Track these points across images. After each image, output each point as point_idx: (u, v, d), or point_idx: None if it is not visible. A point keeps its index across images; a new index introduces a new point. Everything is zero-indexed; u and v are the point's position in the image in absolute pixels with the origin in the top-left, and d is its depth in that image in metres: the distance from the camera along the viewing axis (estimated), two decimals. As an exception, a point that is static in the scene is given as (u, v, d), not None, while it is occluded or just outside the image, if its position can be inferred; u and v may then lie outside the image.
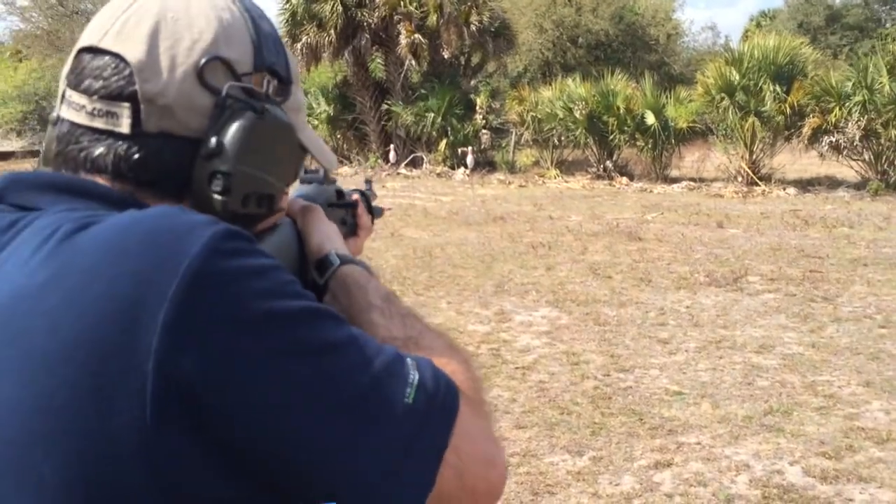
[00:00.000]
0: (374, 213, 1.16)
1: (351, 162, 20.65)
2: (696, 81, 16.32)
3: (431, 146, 19.54)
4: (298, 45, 19.68)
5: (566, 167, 17.88)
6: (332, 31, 19.31)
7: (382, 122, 20.49)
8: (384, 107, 20.03)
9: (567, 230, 10.29)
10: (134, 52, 0.66)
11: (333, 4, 19.31)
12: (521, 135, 18.62)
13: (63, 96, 0.69)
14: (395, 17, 19.43)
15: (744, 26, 38.08)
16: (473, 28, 19.19)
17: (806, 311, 6.17)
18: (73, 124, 0.68)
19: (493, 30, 19.77)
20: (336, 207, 1.00)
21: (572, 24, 28.02)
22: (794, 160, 15.28)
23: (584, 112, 16.37)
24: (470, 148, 18.41)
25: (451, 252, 8.78)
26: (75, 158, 0.67)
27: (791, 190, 14.46)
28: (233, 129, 0.67)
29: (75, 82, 0.68)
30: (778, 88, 14.56)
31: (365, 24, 19.61)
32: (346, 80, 21.50)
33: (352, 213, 1.04)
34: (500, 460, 0.67)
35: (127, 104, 0.66)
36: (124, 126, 0.66)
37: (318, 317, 0.60)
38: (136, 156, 0.66)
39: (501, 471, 0.66)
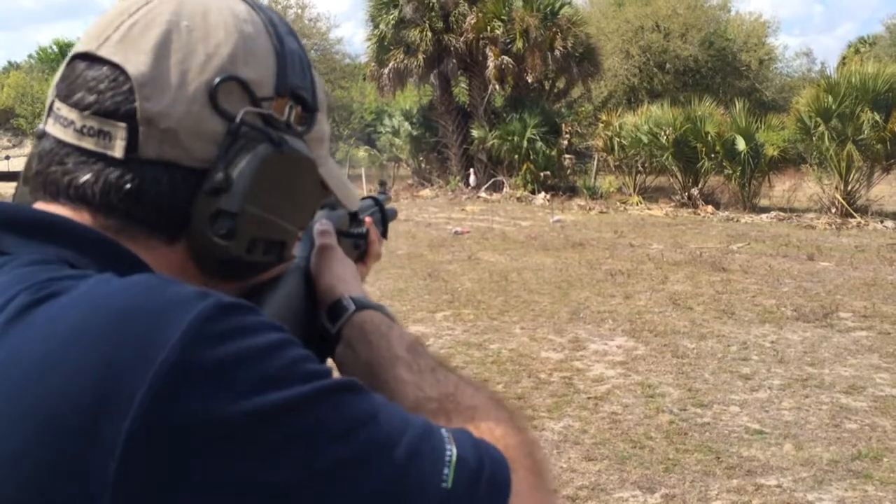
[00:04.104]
0: (388, 215, 1.12)
1: (432, 184, 20.85)
2: (789, 108, 15.82)
3: (512, 171, 19.55)
4: (385, 70, 20.12)
5: (649, 194, 17.56)
6: (420, 56, 19.64)
7: (464, 146, 20.65)
8: (471, 131, 20.16)
9: (647, 258, 10.07)
10: (137, 63, 0.57)
11: (423, 30, 19.66)
12: (605, 160, 18.43)
13: (51, 108, 0.60)
14: (481, 43, 19.63)
15: (841, 52, 36.73)
16: (558, 53, 19.19)
17: (902, 351, 5.83)
18: (59, 142, 0.58)
19: (577, 55, 19.72)
20: (348, 236, 0.94)
21: (660, 50, 27.65)
22: (893, 192, 14.58)
23: (670, 137, 16.09)
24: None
25: (528, 277, 8.71)
26: (57, 182, 0.58)
27: (889, 223, 13.78)
28: (244, 162, 0.58)
29: (66, 93, 0.58)
30: (876, 116, 13.97)
31: (451, 48, 19.88)
32: (431, 103, 21.79)
33: (364, 239, 0.98)
34: None
35: (123, 124, 0.56)
36: (117, 149, 0.56)
37: (332, 395, 0.49)
38: (129, 185, 0.57)
39: None
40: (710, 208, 15.90)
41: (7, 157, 26.09)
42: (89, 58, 0.58)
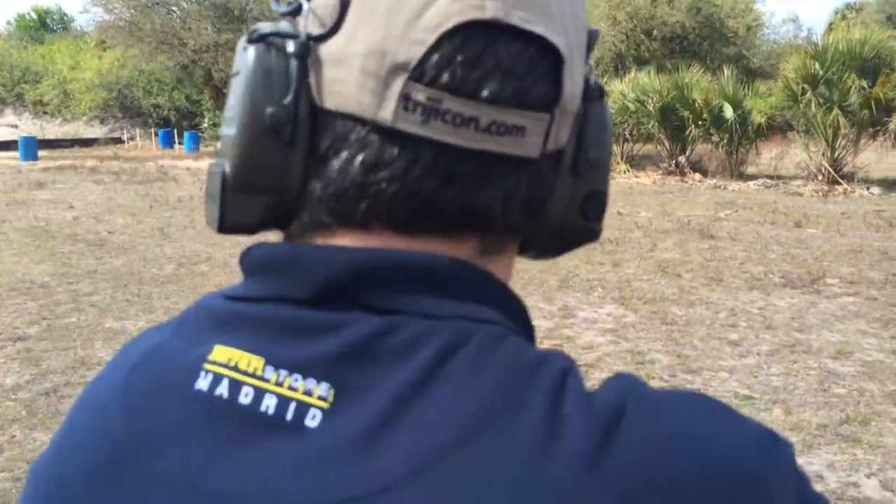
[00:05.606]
0: None
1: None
2: (777, 75, 15.79)
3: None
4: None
5: (636, 162, 17.56)
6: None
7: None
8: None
9: (636, 226, 10.08)
10: (555, 31, 0.42)
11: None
12: (592, 128, 18.40)
13: (407, 98, 0.40)
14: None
15: (828, 19, 36.65)
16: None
17: (888, 316, 5.88)
18: (443, 148, 0.41)
19: (565, 21, 19.57)
20: None
21: (647, 16, 27.44)
22: (879, 158, 14.63)
23: (657, 105, 16.03)
24: None
25: (517, 245, 8.70)
26: (456, 207, 0.42)
27: (875, 189, 13.86)
28: (597, 129, 0.46)
29: (457, 81, 0.40)
30: (863, 82, 13.97)
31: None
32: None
33: None
34: None
35: (546, 115, 0.42)
36: (531, 147, 0.42)
37: None
38: (535, 193, 0.44)
39: None
40: (697, 176, 15.92)
41: (-14, 128, 25.66)
42: (493, 27, 0.40)
